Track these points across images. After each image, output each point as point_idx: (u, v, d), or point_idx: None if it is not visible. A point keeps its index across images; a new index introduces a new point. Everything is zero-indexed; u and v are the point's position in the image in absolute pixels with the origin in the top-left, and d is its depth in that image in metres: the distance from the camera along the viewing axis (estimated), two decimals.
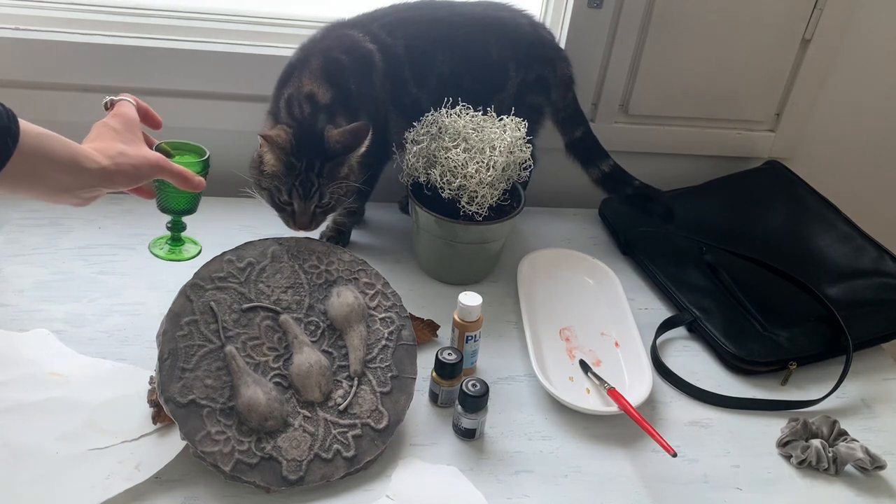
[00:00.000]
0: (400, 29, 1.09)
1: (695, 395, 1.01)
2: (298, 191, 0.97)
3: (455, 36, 1.12)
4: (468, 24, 1.13)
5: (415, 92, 1.11)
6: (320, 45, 1.06)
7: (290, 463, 0.82)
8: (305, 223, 1.00)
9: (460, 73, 1.12)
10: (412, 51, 1.09)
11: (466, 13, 1.15)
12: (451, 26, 1.12)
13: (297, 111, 1.00)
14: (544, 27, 1.22)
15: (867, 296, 1.15)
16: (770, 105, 1.41)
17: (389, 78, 1.08)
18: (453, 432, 0.92)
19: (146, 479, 0.80)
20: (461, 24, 1.13)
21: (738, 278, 1.17)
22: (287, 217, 1.01)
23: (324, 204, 1.00)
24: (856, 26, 1.34)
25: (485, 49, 1.13)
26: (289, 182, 0.97)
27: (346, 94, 1.03)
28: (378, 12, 1.12)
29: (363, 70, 1.06)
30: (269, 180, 0.98)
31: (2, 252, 1.10)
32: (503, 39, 1.15)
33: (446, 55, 1.11)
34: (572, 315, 1.12)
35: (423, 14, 1.13)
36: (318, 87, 1.01)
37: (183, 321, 0.85)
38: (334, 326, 0.91)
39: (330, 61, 1.03)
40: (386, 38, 1.08)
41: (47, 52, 1.17)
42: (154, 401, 0.85)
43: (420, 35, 1.10)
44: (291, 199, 0.98)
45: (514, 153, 1.08)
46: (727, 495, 0.89)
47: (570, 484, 0.88)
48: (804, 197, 1.32)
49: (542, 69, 1.18)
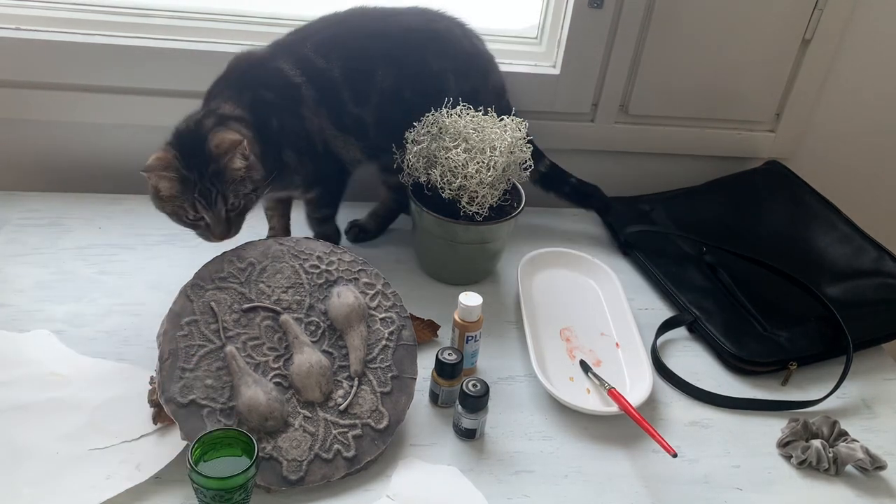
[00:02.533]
0: (335, 49, 1.06)
1: (695, 395, 1.01)
2: (201, 202, 0.93)
3: (394, 50, 1.10)
4: (406, 36, 1.11)
5: (355, 112, 1.08)
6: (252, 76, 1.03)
7: (290, 463, 0.82)
8: (223, 232, 0.95)
9: (401, 86, 1.10)
10: (349, 72, 1.06)
11: (404, 25, 1.12)
12: (389, 40, 1.10)
13: (184, 126, 0.96)
14: (476, 35, 1.19)
15: (867, 296, 1.15)
16: (770, 105, 1.41)
17: (324, 105, 1.06)
18: (453, 432, 0.92)
19: (146, 479, 0.80)
20: (399, 37, 1.11)
21: (738, 278, 1.17)
22: (203, 232, 0.97)
23: (233, 206, 0.95)
24: (856, 26, 1.34)
25: (424, 61, 1.11)
26: (189, 197, 0.92)
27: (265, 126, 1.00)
28: (311, 28, 1.09)
29: (290, 106, 1.04)
30: (171, 204, 0.94)
31: (2, 252, 1.10)
32: (441, 51, 1.13)
33: (387, 70, 1.09)
34: (572, 315, 1.12)
35: (358, 29, 1.10)
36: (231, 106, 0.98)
37: (183, 321, 0.85)
38: (335, 326, 0.91)
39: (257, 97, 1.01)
40: (320, 63, 1.05)
41: (47, 52, 1.17)
42: (154, 401, 0.85)
43: (357, 54, 1.08)
44: (199, 213, 0.94)
45: (515, 153, 1.08)
46: (727, 495, 0.89)
47: (570, 484, 0.88)
48: (804, 197, 1.32)
49: (477, 80, 1.16)
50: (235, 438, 0.76)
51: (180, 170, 0.91)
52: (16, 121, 1.23)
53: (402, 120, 1.11)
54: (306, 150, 1.06)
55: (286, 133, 1.03)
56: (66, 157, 1.27)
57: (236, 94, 1.01)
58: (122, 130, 1.25)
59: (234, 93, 1.01)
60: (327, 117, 1.07)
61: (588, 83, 1.33)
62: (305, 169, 1.07)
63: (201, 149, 0.92)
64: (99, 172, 1.29)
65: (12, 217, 1.17)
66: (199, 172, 0.92)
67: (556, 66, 1.32)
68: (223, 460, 0.75)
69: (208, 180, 0.92)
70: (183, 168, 0.91)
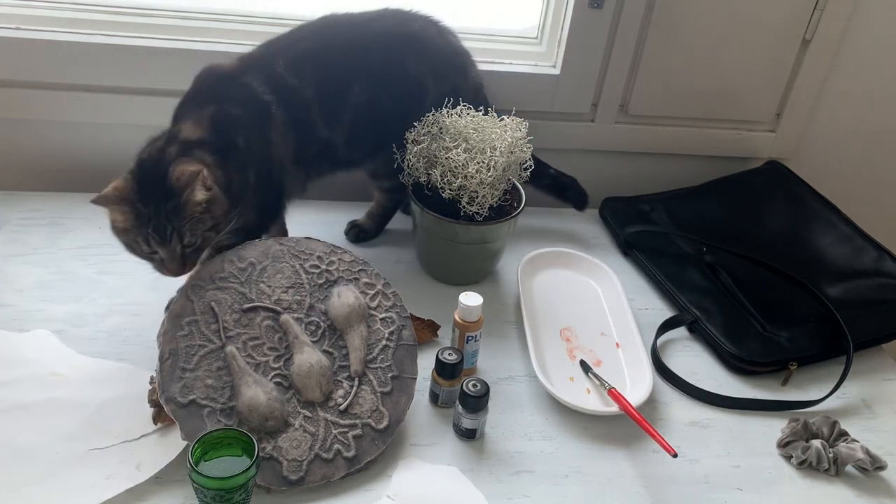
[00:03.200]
0: (309, 65, 1.01)
1: (695, 395, 1.01)
2: (154, 238, 0.88)
3: (370, 60, 1.06)
4: (382, 43, 1.08)
5: (325, 135, 1.04)
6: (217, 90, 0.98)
7: (290, 463, 0.82)
8: (177, 268, 0.91)
9: (377, 96, 1.07)
10: (323, 90, 1.02)
11: (379, 31, 1.09)
12: (364, 50, 1.06)
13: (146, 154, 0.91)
14: (451, 32, 1.17)
15: (867, 296, 1.15)
16: (770, 105, 1.41)
17: (293, 128, 1.01)
18: (454, 432, 0.92)
19: (146, 479, 0.80)
20: (374, 45, 1.07)
21: (738, 278, 1.17)
22: (157, 266, 0.92)
23: (190, 244, 0.90)
24: (856, 26, 1.34)
25: (402, 67, 1.09)
26: (143, 232, 0.88)
27: (230, 146, 0.95)
28: (283, 41, 1.04)
29: (258, 124, 0.98)
30: (125, 235, 0.89)
31: (2, 252, 1.10)
32: (419, 54, 1.10)
33: (363, 83, 1.05)
34: (572, 315, 1.12)
35: (332, 41, 1.06)
36: (193, 128, 0.93)
37: (183, 321, 0.85)
38: (335, 326, 0.91)
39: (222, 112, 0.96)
40: (292, 81, 1.00)
41: (47, 52, 1.17)
42: (155, 401, 0.85)
43: (332, 70, 1.03)
44: (153, 248, 0.89)
45: (515, 153, 1.08)
46: (727, 495, 0.89)
47: (571, 484, 0.88)
48: (804, 197, 1.32)
49: (456, 78, 1.14)
50: (236, 438, 0.76)
51: (135, 203, 0.87)
52: (16, 121, 1.23)
53: (377, 130, 1.08)
54: (264, 173, 1.00)
55: (252, 152, 0.97)
56: (66, 157, 1.27)
57: (200, 111, 0.95)
58: (122, 130, 1.25)
59: (197, 110, 0.95)
60: (293, 145, 1.01)
61: (588, 83, 1.33)
62: (258, 191, 1.00)
63: (162, 181, 0.87)
64: (99, 172, 1.27)
65: (12, 217, 1.17)
66: (156, 207, 0.87)
67: (556, 66, 1.32)
68: (223, 460, 0.75)
69: (164, 216, 0.87)
70: (139, 202, 0.87)
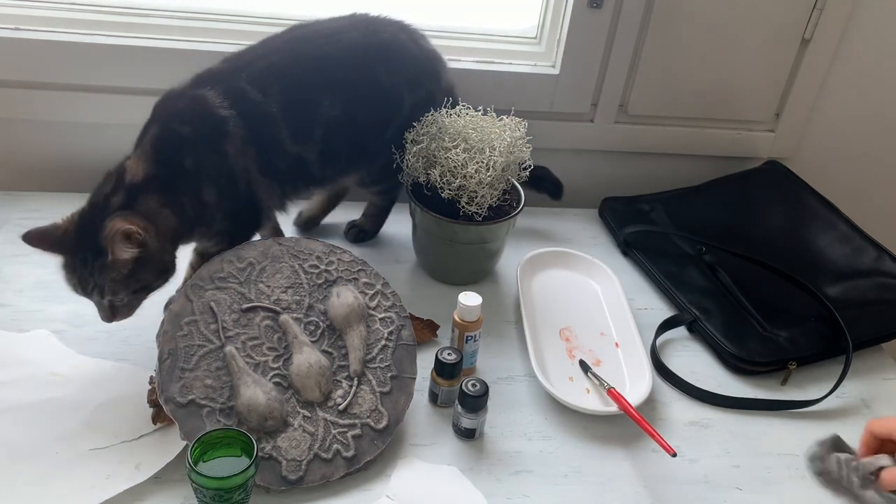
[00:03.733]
0: (274, 80, 0.97)
1: (695, 395, 1.01)
2: (79, 288, 0.87)
3: (341, 75, 1.02)
4: (354, 56, 1.04)
5: (294, 151, 1.00)
6: (163, 111, 0.93)
7: (289, 463, 0.82)
8: (106, 317, 0.89)
9: (353, 112, 1.03)
10: (290, 105, 0.97)
11: (349, 44, 1.04)
12: (335, 64, 1.02)
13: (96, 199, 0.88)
14: (422, 35, 1.14)
15: (867, 296, 1.15)
16: (770, 105, 1.41)
17: (254, 144, 0.95)
18: (453, 432, 0.92)
19: (146, 479, 0.80)
20: (344, 59, 1.03)
21: (738, 278, 1.17)
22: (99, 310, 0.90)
23: (112, 302, 0.88)
24: (856, 26, 1.34)
25: (375, 80, 1.05)
26: (71, 279, 0.87)
27: (177, 173, 0.90)
28: (248, 55, 1.00)
29: (212, 141, 0.93)
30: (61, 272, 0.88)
31: (2, 252, 1.11)
32: (392, 65, 1.07)
33: (335, 98, 1.01)
34: (572, 315, 1.12)
35: (300, 55, 1.02)
36: (136, 163, 0.89)
37: (183, 321, 0.85)
38: (334, 326, 0.91)
39: (166, 133, 0.91)
40: (255, 96, 0.95)
41: (47, 52, 1.17)
42: (154, 401, 0.85)
43: (300, 84, 0.99)
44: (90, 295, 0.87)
45: (514, 153, 1.08)
46: (727, 495, 0.89)
47: (570, 484, 0.88)
48: (804, 197, 1.32)
49: (430, 83, 1.13)
50: (235, 438, 0.76)
51: (66, 251, 0.85)
52: (16, 121, 1.23)
53: (353, 145, 1.06)
54: (227, 188, 0.95)
55: (205, 169, 0.92)
56: (66, 157, 1.27)
57: (144, 136, 0.91)
58: (122, 130, 1.23)
59: (143, 136, 0.91)
60: (255, 159, 0.96)
61: (587, 83, 1.33)
62: (224, 210, 0.95)
63: (96, 234, 0.84)
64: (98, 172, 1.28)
65: (12, 217, 1.17)
66: (83, 259, 0.84)
67: (556, 66, 1.32)
68: (223, 460, 0.75)
69: (89, 269, 0.84)
70: (69, 250, 0.85)
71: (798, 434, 0.97)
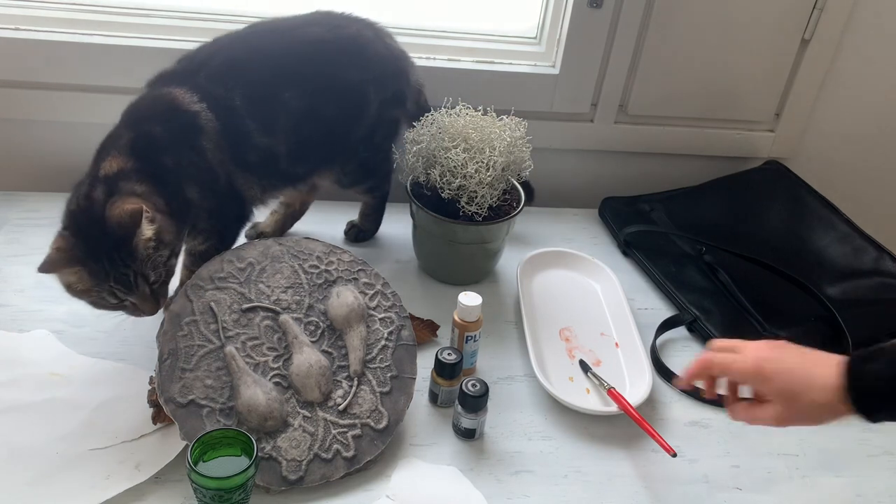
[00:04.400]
0: (232, 76, 0.96)
1: (695, 396, 1.01)
2: (119, 289, 0.84)
3: (303, 68, 1.01)
4: (315, 50, 1.02)
5: (264, 142, 0.98)
6: (131, 117, 0.92)
7: (289, 463, 0.82)
8: (151, 308, 0.87)
9: (318, 105, 1.01)
10: (252, 100, 0.96)
11: (309, 39, 1.03)
12: (296, 58, 1.01)
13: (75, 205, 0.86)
14: (388, 34, 1.12)
15: (867, 296, 1.15)
16: (770, 105, 1.41)
17: (227, 136, 0.94)
18: (453, 432, 0.92)
19: (146, 479, 0.80)
20: (307, 52, 1.02)
21: (738, 278, 1.17)
22: (132, 311, 0.88)
23: (157, 279, 0.87)
24: (856, 26, 1.34)
25: (339, 75, 1.03)
26: (105, 287, 0.84)
27: (159, 170, 0.89)
28: (203, 54, 0.98)
29: (186, 137, 0.92)
30: (87, 296, 0.85)
31: (2, 252, 1.11)
32: (356, 61, 1.05)
33: (296, 91, 0.99)
34: (572, 315, 1.12)
35: (258, 50, 1.01)
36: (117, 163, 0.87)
37: (183, 321, 0.85)
38: (334, 326, 0.91)
39: (140, 136, 0.89)
40: (218, 91, 0.94)
41: (47, 52, 1.17)
42: (154, 401, 0.85)
43: (260, 78, 0.98)
44: (121, 298, 0.86)
45: (514, 153, 1.08)
46: (727, 495, 0.89)
47: (570, 484, 0.88)
48: (804, 197, 1.32)
49: (399, 83, 1.11)
50: (235, 438, 0.76)
51: (86, 261, 0.82)
52: (16, 121, 1.23)
53: (321, 142, 1.04)
54: (209, 184, 0.94)
55: (184, 167, 0.91)
56: (66, 157, 1.27)
57: (117, 143, 0.89)
58: None
59: (115, 144, 0.89)
60: (229, 151, 0.95)
61: (587, 83, 1.33)
62: (210, 205, 0.95)
63: (102, 230, 0.82)
64: None
65: (12, 217, 1.17)
66: (109, 258, 0.82)
67: (556, 65, 1.32)
68: (222, 460, 0.75)
69: (122, 264, 0.83)
70: (89, 259, 0.82)
71: (798, 434, 0.97)
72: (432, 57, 1.30)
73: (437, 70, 1.28)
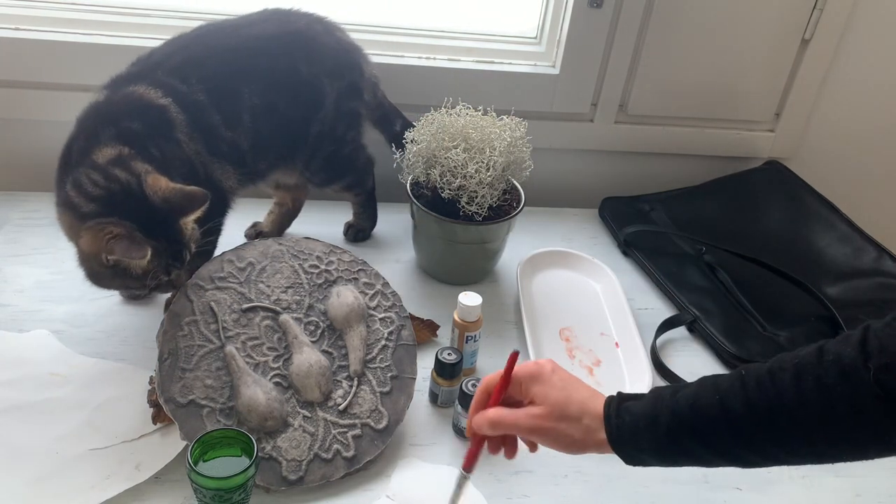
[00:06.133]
0: (191, 72, 0.96)
1: None
2: (176, 265, 0.86)
3: (257, 64, 1.01)
4: (268, 47, 1.03)
5: (229, 136, 0.99)
6: (105, 116, 0.91)
7: (289, 463, 0.82)
8: (186, 279, 0.89)
9: (274, 101, 1.02)
10: (214, 93, 0.96)
11: (260, 35, 1.03)
12: (250, 54, 1.01)
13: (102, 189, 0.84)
14: (339, 27, 1.12)
15: (867, 296, 1.15)
16: (770, 105, 1.41)
17: (197, 128, 0.95)
18: (453, 432, 0.92)
19: (146, 479, 0.80)
20: (259, 48, 1.02)
21: (738, 278, 1.17)
22: (165, 287, 0.89)
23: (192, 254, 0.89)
24: (856, 26, 1.34)
25: (293, 70, 1.04)
26: (162, 264, 0.85)
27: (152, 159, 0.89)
28: (158, 55, 0.98)
29: (162, 130, 0.92)
30: (138, 280, 0.85)
31: (2, 252, 1.11)
32: (308, 55, 1.05)
33: (253, 87, 1.00)
34: (572, 315, 1.12)
35: (213, 47, 1.01)
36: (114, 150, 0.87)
37: (183, 321, 0.85)
38: (334, 326, 0.91)
39: (122, 132, 0.89)
40: (180, 87, 0.94)
41: (47, 52, 1.17)
42: (154, 401, 0.85)
43: (216, 73, 0.98)
44: (171, 275, 0.87)
45: (514, 153, 1.08)
46: (727, 495, 0.88)
47: (570, 484, 0.88)
48: (804, 197, 1.32)
49: (352, 76, 1.11)
50: (235, 438, 0.76)
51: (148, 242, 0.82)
52: (16, 121, 1.23)
53: (279, 137, 1.04)
54: (189, 176, 0.94)
55: (169, 160, 0.92)
56: None
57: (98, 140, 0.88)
58: None
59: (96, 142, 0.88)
60: (202, 142, 0.96)
61: (587, 83, 1.33)
62: None
63: (148, 209, 0.83)
64: None
65: (12, 217, 1.17)
66: (165, 236, 0.84)
67: (556, 65, 1.32)
68: (222, 460, 0.75)
69: (174, 240, 0.85)
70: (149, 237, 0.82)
71: None
72: (432, 57, 1.30)
73: (437, 70, 1.29)
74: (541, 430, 0.71)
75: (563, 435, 0.70)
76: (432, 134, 1.08)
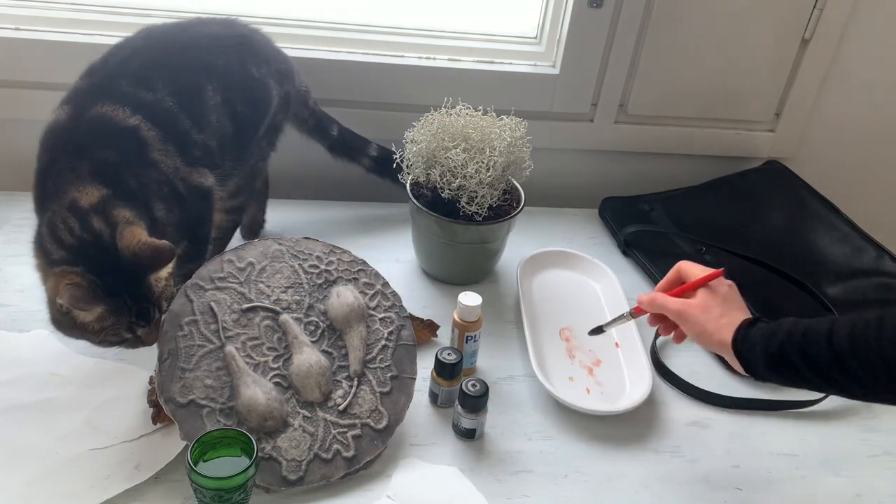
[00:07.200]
0: (155, 75, 0.92)
1: (695, 395, 1.01)
2: (140, 323, 0.83)
3: (214, 61, 0.99)
4: (221, 46, 1.01)
5: (201, 139, 0.96)
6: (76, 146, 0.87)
7: (289, 463, 0.82)
8: (156, 337, 0.85)
9: (232, 99, 0.99)
10: (181, 95, 0.93)
11: (212, 35, 1.02)
12: (208, 51, 0.99)
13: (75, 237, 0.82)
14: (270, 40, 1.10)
15: (867, 296, 1.15)
16: (770, 105, 1.41)
17: (170, 140, 0.92)
18: (453, 432, 0.92)
19: (146, 479, 0.80)
20: (214, 48, 1.00)
21: (738, 278, 1.16)
22: (132, 343, 0.85)
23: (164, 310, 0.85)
24: (856, 26, 1.34)
25: (246, 69, 1.02)
26: (125, 322, 0.82)
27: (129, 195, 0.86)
28: (113, 61, 0.94)
29: (137, 155, 0.89)
30: (97, 335, 0.82)
31: (2, 252, 1.11)
32: (256, 56, 1.04)
33: (215, 83, 0.97)
34: (572, 315, 1.11)
35: (168, 48, 0.98)
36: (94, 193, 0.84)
37: (183, 321, 0.85)
38: (334, 326, 0.91)
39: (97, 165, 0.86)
40: (146, 96, 0.91)
41: (47, 52, 1.17)
42: (154, 401, 0.85)
43: (179, 72, 0.95)
44: (135, 333, 0.84)
45: (514, 153, 1.08)
46: (727, 495, 0.88)
47: (570, 484, 0.88)
48: (804, 197, 1.32)
49: (289, 84, 1.10)
50: (235, 438, 0.76)
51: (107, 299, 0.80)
52: (16, 121, 1.22)
53: (239, 136, 1.02)
54: (170, 196, 0.92)
55: (147, 186, 0.89)
56: None
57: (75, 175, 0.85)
58: None
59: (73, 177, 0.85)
60: (177, 154, 0.93)
61: (587, 83, 1.33)
62: (175, 218, 0.93)
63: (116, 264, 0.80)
64: None
65: (12, 217, 1.17)
66: (129, 293, 0.81)
67: (556, 65, 1.32)
68: (222, 460, 0.75)
69: (141, 298, 0.82)
70: (109, 295, 0.80)
71: (798, 434, 0.97)
72: (432, 57, 1.30)
73: (437, 70, 1.29)
74: (683, 315, 0.86)
75: (698, 322, 0.84)
76: (432, 134, 1.08)
